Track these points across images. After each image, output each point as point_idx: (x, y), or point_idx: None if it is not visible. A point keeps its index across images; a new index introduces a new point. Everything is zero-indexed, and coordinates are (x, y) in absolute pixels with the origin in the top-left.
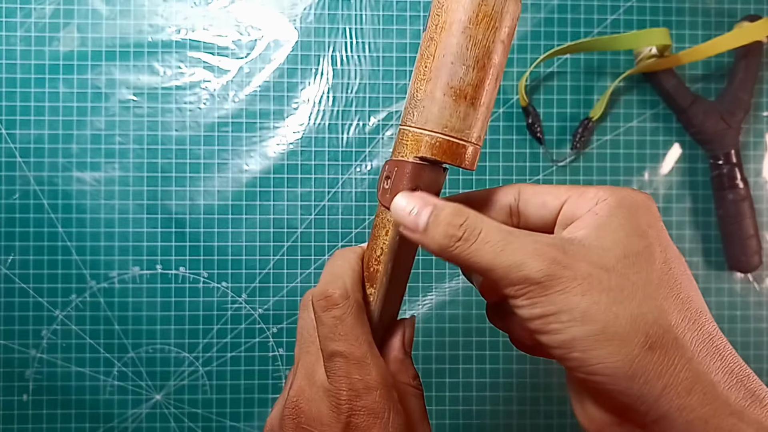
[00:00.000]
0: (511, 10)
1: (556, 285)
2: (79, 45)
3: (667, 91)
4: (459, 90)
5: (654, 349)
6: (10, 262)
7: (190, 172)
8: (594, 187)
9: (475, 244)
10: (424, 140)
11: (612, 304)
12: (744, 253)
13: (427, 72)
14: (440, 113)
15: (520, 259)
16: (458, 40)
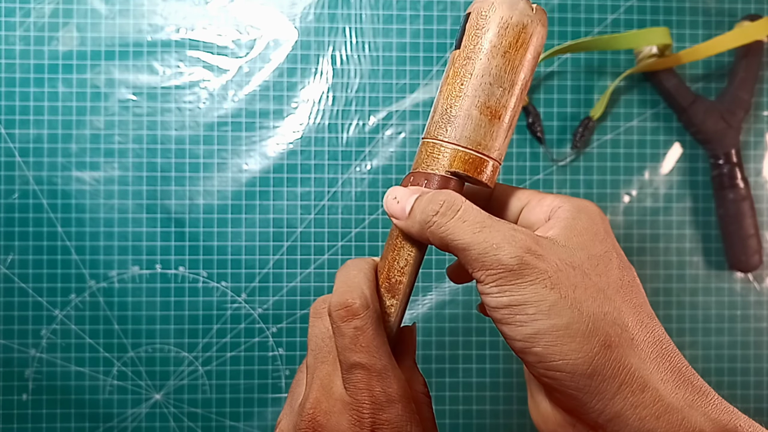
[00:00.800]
0: (542, 35)
1: (528, 274)
2: (78, 44)
3: (668, 91)
4: (495, 110)
5: (612, 348)
6: (9, 261)
7: (189, 171)
8: (551, 195)
9: (453, 221)
10: (459, 155)
11: (577, 301)
12: (744, 253)
13: (464, 90)
14: (476, 131)
15: (497, 241)
16: (498, 62)
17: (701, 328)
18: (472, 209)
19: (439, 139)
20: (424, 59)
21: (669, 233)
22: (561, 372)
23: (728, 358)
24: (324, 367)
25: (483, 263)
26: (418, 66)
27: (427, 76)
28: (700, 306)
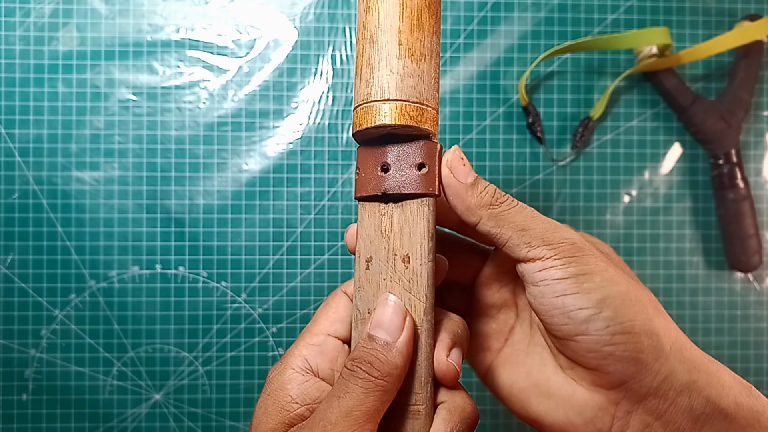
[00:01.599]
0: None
1: (587, 251)
2: (78, 44)
3: (668, 91)
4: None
5: (659, 314)
6: (9, 261)
7: (189, 171)
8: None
9: (516, 209)
10: (433, 114)
11: (624, 276)
12: (744, 253)
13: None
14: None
15: (555, 224)
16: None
17: (701, 328)
18: (524, 205)
19: (424, 103)
20: None
21: (669, 233)
22: (629, 333)
23: (728, 358)
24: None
25: (544, 239)
26: None
27: None
28: (700, 306)
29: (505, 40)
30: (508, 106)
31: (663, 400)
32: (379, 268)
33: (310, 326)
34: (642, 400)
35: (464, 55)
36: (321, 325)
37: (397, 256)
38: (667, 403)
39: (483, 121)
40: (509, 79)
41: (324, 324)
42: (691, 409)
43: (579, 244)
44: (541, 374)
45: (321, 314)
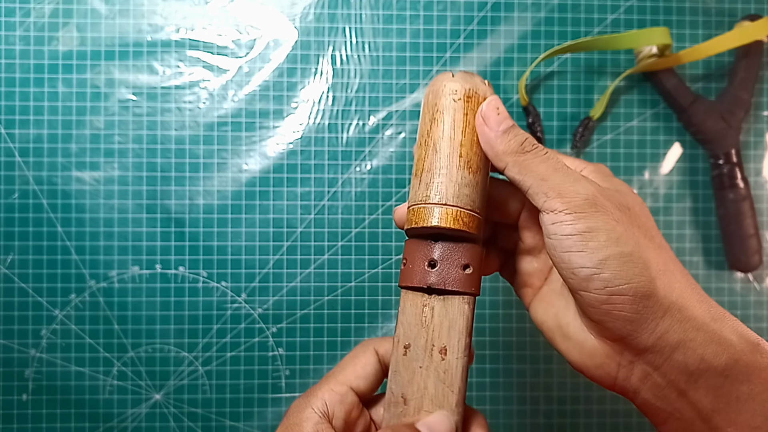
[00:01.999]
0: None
1: (599, 207)
2: (78, 44)
3: (668, 91)
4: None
5: (662, 274)
6: (9, 261)
7: (189, 171)
8: (569, 158)
9: (540, 158)
10: (480, 220)
11: (635, 235)
12: (744, 253)
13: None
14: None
15: (575, 177)
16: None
17: None
18: (553, 154)
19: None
20: (424, 59)
21: (669, 233)
22: (625, 296)
23: None
24: None
25: (560, 192)
26: (418, 66)
27: (427, 76)
28: None
29: (505, 40)
30: (509, 106)
31: (659, 355)
32: (417, 355)
33: (336, 373)
34: (641, 353)
35: (464, 55)
36: (347, 377)
37: (435, 347)
38: (662, 358)
39: None
40: (509, 79)
41: (350, 376)
42: (685, 365)
43: (592, 198)
44: (564, 317)
45: (349, 365)
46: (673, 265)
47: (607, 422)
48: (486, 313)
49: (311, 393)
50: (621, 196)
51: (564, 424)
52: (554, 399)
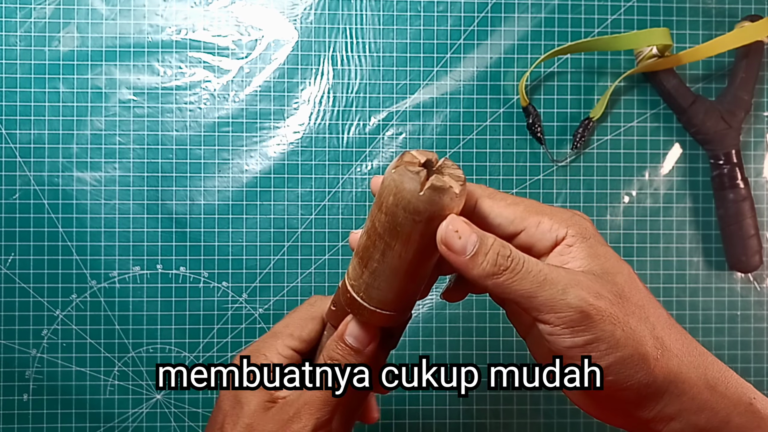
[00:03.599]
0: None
1: (595, 315)
2: (79, 45)
3: (668, 91)
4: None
5: (659, 361)
6: (10, 262)
7: (190, 172)
8: (544, 217)
9: (520, 274)
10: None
11: (632, 330)
12: (744, 253)
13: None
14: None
15: (562, 286)
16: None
17: (701, 328)
18: (531, 260)
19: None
20: (424, 60)
21: (669, 233)
22: (628, 391)
23: (728, 358)
24: None
25: (552, 307)
26: (419, 66)
27: (427, 77)
28: (700, 306)
29: (506, 40)
30: (509, 106)
31: (658, 423)
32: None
33: (281, 330)
34: (642, 423)
35: (464, 55)
36: (289, 339)
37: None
38: (661, 425)
39: (483, 122)
40: (509, 80)
41: (289, 340)
42: (681, 429)
43: (587, 309)
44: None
45: (292, 322)
46: (669, 335)
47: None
48: (486, 313)
49: (262, 342)
50: (611, 277)
51: (564, 424)
52: (554, 399)
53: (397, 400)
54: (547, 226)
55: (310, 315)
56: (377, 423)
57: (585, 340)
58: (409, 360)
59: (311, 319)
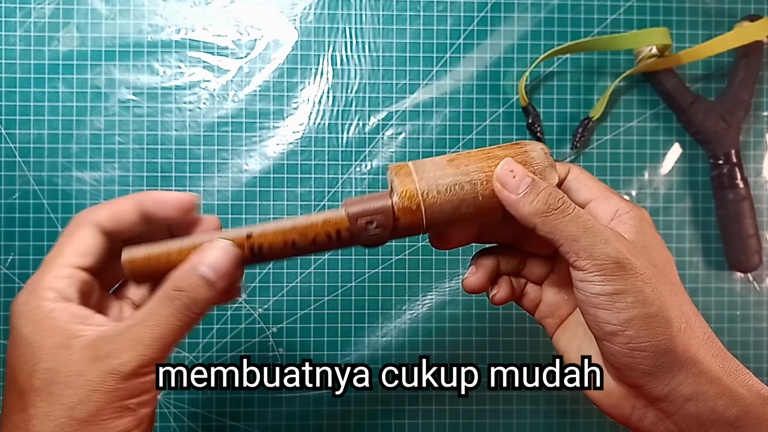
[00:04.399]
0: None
1: (629, 269)
2: (78, 45)
3: (667, 91)
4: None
5: (682, 332)
6: (9, 261)
7: (189, 171)
8: (616, 196)
9: (569, 216)
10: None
11: (661, 294)
12: (744, 253)
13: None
14: None
15: (606, 237)
16: None
17: None
18: (581, 211)
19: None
20: (424, 59)
21: (669, 233)
22: (646, 352)
23: None
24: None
25: (591, 253)
26: (419, 66)
27: (427, 77)
28: (700, 306)
29: (505, 40)
30: (508, 106)
31: (672, 404)
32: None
33: (54, 257)
34: (655, 401)
35: (464, 55)
36: (69, 259)
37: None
38: (675, 407)
39: (483, 122)
40: (509, 80)
41: (72, 257)
42: (697, 415)
43: (622, 261)
44: (586, 352)
45: (66, 246)
46: (695, 319)
47: (608, 422)
48: (486, 313)
49: (35, 284)
50: (650, 252)
51: (564, 424)
52: (554, 399)
53: (397, 400)
54: (614, 202)
55: (76, 226)
56: (377, 423)
57: (614, 289)
58: (409, 360)
59: (78, 228)
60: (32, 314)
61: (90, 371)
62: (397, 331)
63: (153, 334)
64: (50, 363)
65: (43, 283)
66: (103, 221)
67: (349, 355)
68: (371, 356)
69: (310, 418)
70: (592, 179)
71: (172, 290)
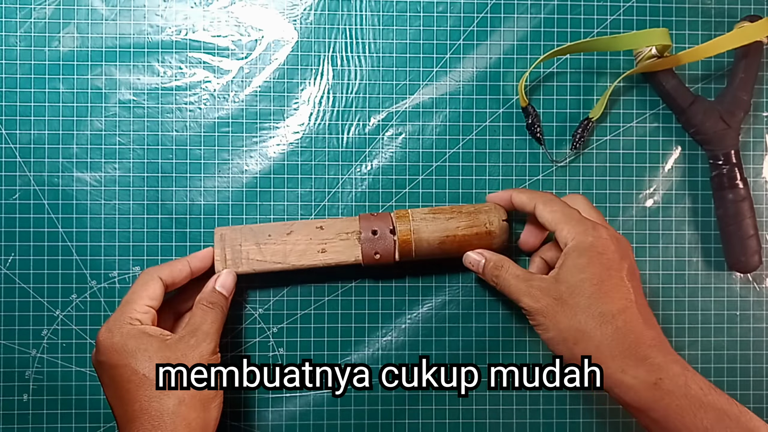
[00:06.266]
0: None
1: (534, 312)
2: (79, 45)
3: (667, 92)
4: None
5: (578, 344)
6: (10, 262)
7: (190, 172)
8: (568, 226)
9: (501, 282)
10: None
11: (558, 321)
12: (744, 253)
13: None
14: None
15: (521, 293)
16: None
17: (701, 328)
18: (509, 276)
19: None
20: (424, 60)
21: (669, 233)
22: (563, 356)
23: (728, 358)
24: None
25: (518, 302)
26: (419, 67)
27: (427, 77)
28: (700, 306)
29: (505, 41)
30: (508, 107)
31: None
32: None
33: (133, 299)
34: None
35: (464, 56)
36: (145, 300)
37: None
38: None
39: (483, 122)
40: (509, 80)
41: (147, 300)
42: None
43: (529, 309)
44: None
45: (143, 291)
46: (596, 330)
47: (607, 422)
48: (486, 313)
49: (123, 316)
50: (559, 286)
51: (564, 424)
52: (554, 399)
53: (397, 400)
54: (563, 234)
55: (149, 279)
56: (377, 423)
57: (533, 322)
58: (409, 360)
59: (151, 281)
60: (131, 333)
61: (191, 354)
62: (397, 331)
63: (214, 328)
64: (162, 354)
65: (131, 315)
66: (165, 277)
67: (349, 355)
68: (371, 356)
69: (310, 418)
70: (558, 205)
71: (209, 303)
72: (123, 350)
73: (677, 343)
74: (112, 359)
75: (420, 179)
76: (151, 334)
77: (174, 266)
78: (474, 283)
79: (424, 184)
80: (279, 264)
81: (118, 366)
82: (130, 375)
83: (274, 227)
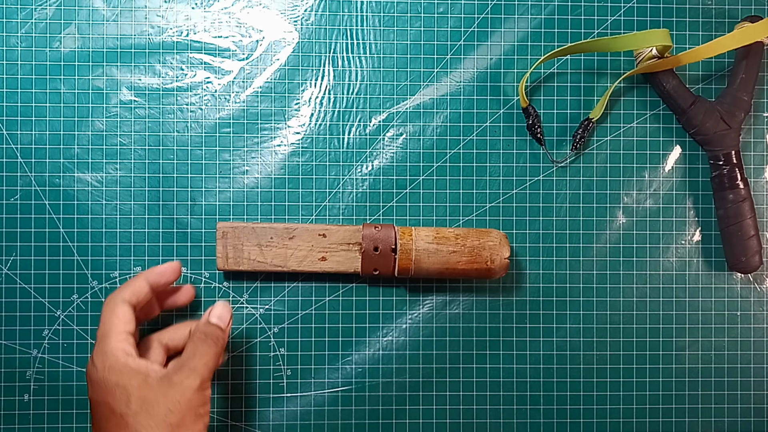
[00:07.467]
0: None
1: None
2: (80, 46)
3: (667, 92)
4: None
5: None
6: (11, 262)
7: (191, 172)
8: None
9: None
10: None
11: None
12: (744, 254)
13: None
14: None
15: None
16: None
17: (701, 328)
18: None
19: None
20: (424, 61)
21: (669, 234)
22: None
23: (728, 358)
24: None
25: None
26: (419, 68)
27: (428, 78)
28: (700, 307)
29: (506, 41)
30: (508, 107)
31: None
32: None
33: (109, 330)
34: None
35: (464, 56)
36: (122, 326)
37: None
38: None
39: (483, 123)
40: (509, 81)
41: (124, 326)
42: None
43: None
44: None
45: (115, 319)
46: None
47: (607, 422)
48: (486, 313)
49: (104, 349)
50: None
51: (564, 424)
52: (554, 399)
53: (397, 400)
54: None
55: (114, 307)
56: (377, 423)
57: None
58: (409, 360)
59: (118, 308)
60: (114, 367)
61: (172, 393)
62: (398, 331)
63: (202, 362)
64: (140, 393)
65: (113, 346)
66: (129, 297)
67: (349, 355)
68: (372, 356)
69: (311, 418)
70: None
71: (202, 335)
72: (104, 385)
73: (677, 344)
74: (96, 395)
75: (420, 179)
76: (134, 367)
77: (134, 285)
78: (474, 283)
79: (424, 185)
80: (279, 267)
81: (100, 403)
82: (109, 414)
83: (276, 229)
